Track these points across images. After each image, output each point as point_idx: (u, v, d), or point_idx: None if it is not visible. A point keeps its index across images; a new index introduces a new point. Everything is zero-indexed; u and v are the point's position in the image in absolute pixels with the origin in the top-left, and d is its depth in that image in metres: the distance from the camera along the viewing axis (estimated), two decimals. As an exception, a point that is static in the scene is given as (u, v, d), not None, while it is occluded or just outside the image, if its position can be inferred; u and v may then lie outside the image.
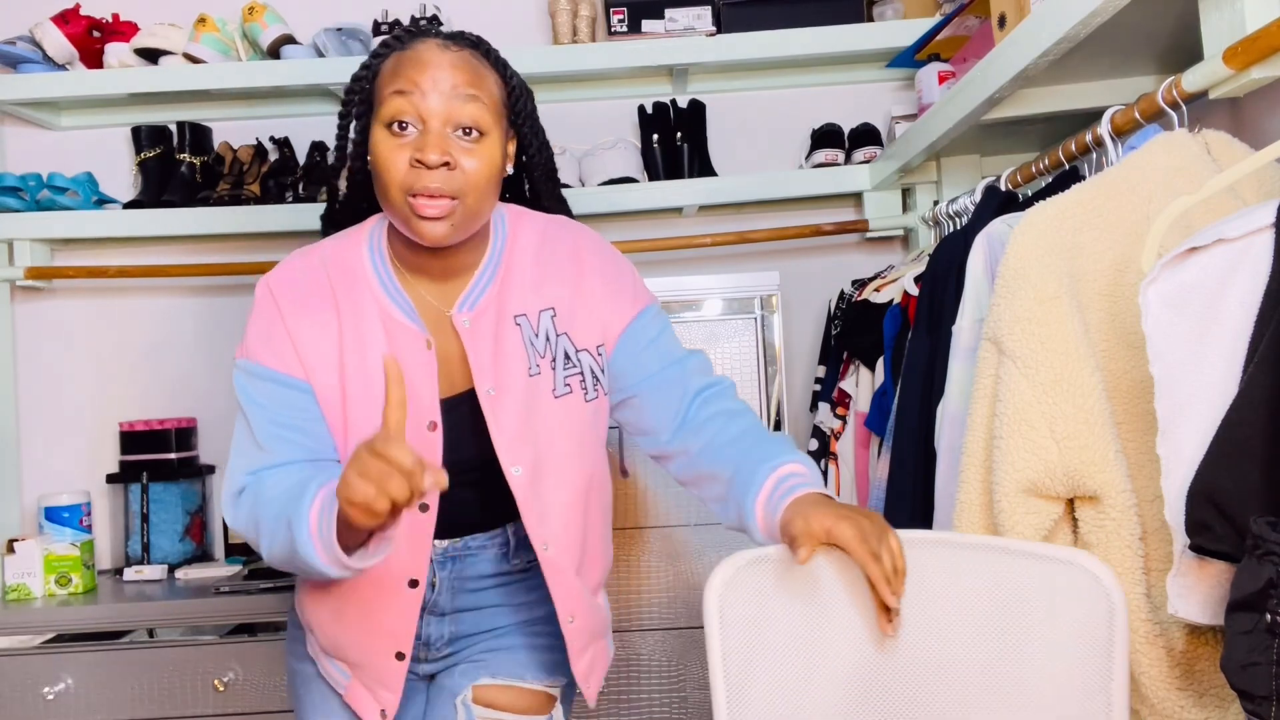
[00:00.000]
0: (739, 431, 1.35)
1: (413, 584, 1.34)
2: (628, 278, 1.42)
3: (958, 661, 1.12)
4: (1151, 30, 1.47)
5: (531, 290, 1.36)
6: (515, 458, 1.32)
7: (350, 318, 1.32)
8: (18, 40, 2.45)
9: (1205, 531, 0.91)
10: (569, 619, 1.38)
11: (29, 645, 2.12)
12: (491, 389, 1.32)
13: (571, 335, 1.36)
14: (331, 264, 1.35)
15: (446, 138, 1.23)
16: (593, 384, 1.38)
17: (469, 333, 1.33)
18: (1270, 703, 0.80)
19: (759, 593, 1.17)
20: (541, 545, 1.35)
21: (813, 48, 2.43)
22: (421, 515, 1.32)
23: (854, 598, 1.16)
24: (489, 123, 1.25)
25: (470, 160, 1.23)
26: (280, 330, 1.31)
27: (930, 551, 1.15)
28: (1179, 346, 0.96)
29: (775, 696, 1.15)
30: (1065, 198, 1.27)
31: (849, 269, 2.57)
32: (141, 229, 2.47)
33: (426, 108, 1.22)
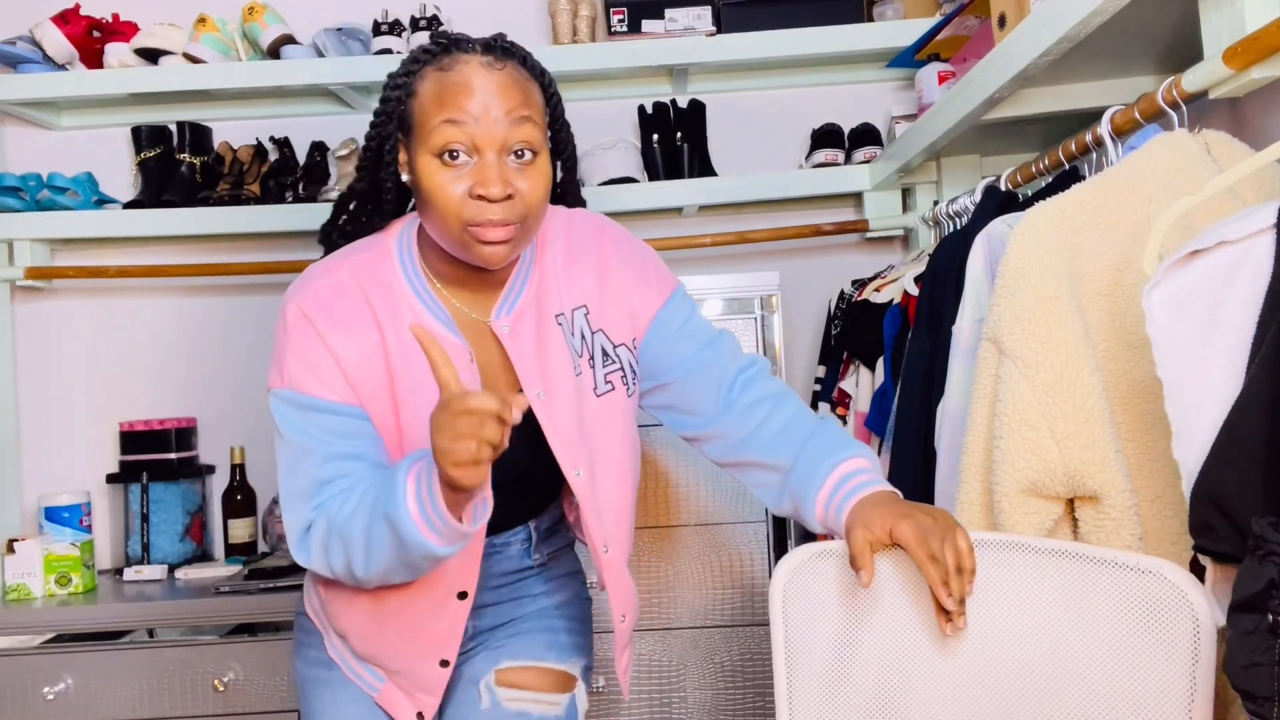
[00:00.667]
0: (788, 419, 1.34)
1: (462, 596, 1.33)
2: (651, 264, 1.40)
3: (1026, 670, 1.08)
4: (1151, 30, 1.47)
5: (565, 288, 1.34)
6: (575, 460, 1.32)
7: (393, 334, 1.26)
8: (18, 40, 2.45)
9: (1207, 532, 0.91)
10: (620, 617, 1.39)
11: (29, 645, 2.12)
12: (541, 392, 1.30)
13: (607, 331, 1.35)
14: (363, 278, 1.28)
15: (504, 167, 1.19)
16: (631, 379, 1.37)
17: (510, 338, 1.30)
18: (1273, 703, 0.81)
19: (823, 586, 1.15)
20: (602, 547, 1.36)
21: (813, 48, 2.43)
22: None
23: (919, 597, 1.13)
24: (539, 140, 1.22)
25: (527, 183, 1.20)
26: (322, 353, 1.23)
27: (1001, 554, 1.12)
28: (1183, 350, 0.96)
29: (835, 690, 1.13)
30: (1065, 198, 1.27)
31: (849, 269, 2.57)
32: (141, 229, 2.47)
33: (481, 136, 1.17)
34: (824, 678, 1.14)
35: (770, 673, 2.16)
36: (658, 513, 2.18)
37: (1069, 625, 1.08)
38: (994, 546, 1.12)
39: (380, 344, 1.26)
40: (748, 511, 2.18)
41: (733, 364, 1.38)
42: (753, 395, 1.36)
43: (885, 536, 1.12)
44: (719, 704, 2.16)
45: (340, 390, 1.24)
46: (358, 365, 1.24)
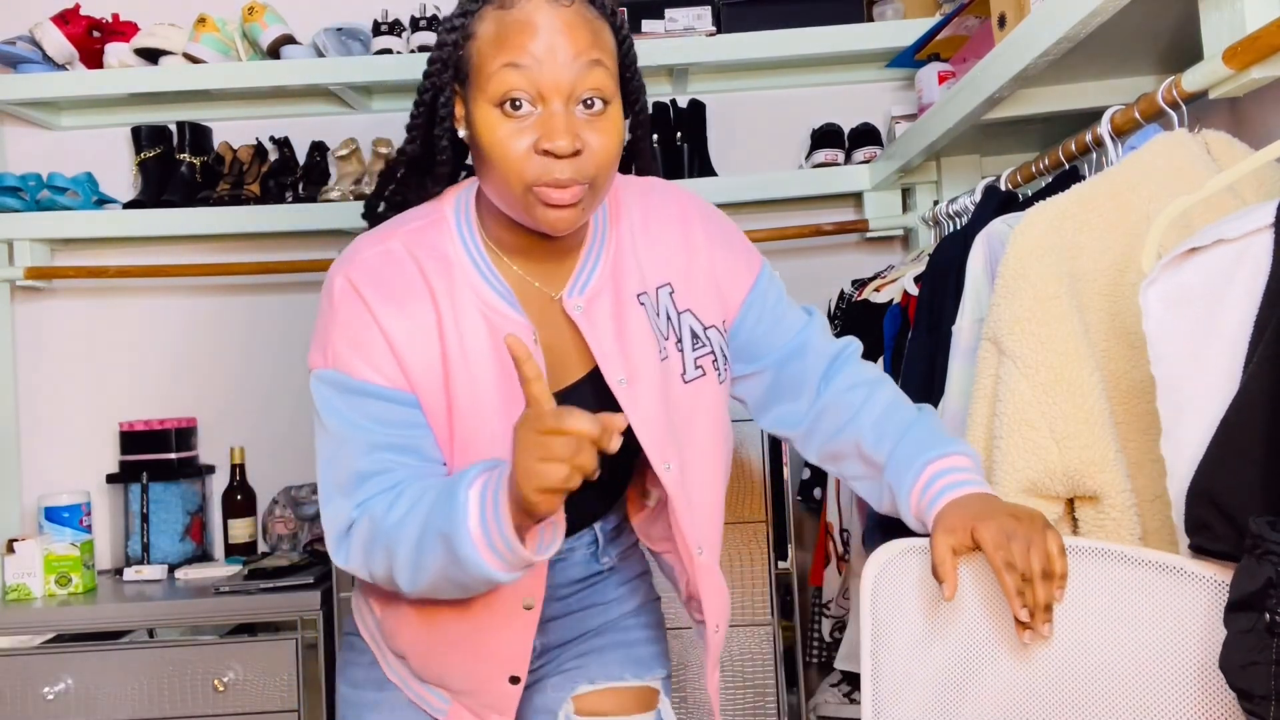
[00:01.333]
0: (884, 408, 1.23)
1: (528, 607, 1.20)
2: (738, 239, 1.29)
3: (1116, 686, 1.04)
4: (1151, 30, 1.47)
5: (646, 265, 1.21)
6: (665, 453, 1.18)
7: (449, 311, 1.13)
8: (18, 40, 2.45)
9: (1204, 531, 0.91)
10: (715, 628, 1.29)
11: (29, 645, 2.13)
12: (623, 378, 1.16)
13: (695, 311, 1.22)
14: (417, 249, 1.15)
15: (573, 118, 1.05)
16: (723, 364, 1.24)
17: (585, 319, 1.17)
18: (1269, 702, 0.80)
19: (911, 582, 1.13)
20: (696, 549, 1.24)
21: (813, 48, 2.43)
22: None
23: (1000, 598, 1.09)
24: (612, 88, 1.07)
25: (598, 137, 1.06)
26: (373, 332, 1.10)
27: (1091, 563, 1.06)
28: (1180, 347, 0.95)
29: (918, 686, 1.12)
30: (1065, 198, 1.27)
31: (849, 269, 2.57)
32: (141, 229, 2.47)
33: (546, 82, 1.03)
34: (906, 673, 1.13)
35: (770, 673, 2.16)
36: (657, 513, 2.18)
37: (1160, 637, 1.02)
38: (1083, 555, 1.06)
39: (436, 322, 1.13)
40: (748, 512, 2.18)
41: (828, 347, 1.28)
42: (847, 380, 1.26)
43: (967, 540, 1.04)
44: (719, 704, 2.16)
45: (390, 373, 1.11)
46: (409, 345, 1.11)
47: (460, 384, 1.13)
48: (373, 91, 2.62)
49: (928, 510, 1.13)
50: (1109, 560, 1.05)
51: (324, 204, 2.45)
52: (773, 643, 2.16)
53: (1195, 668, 0.99)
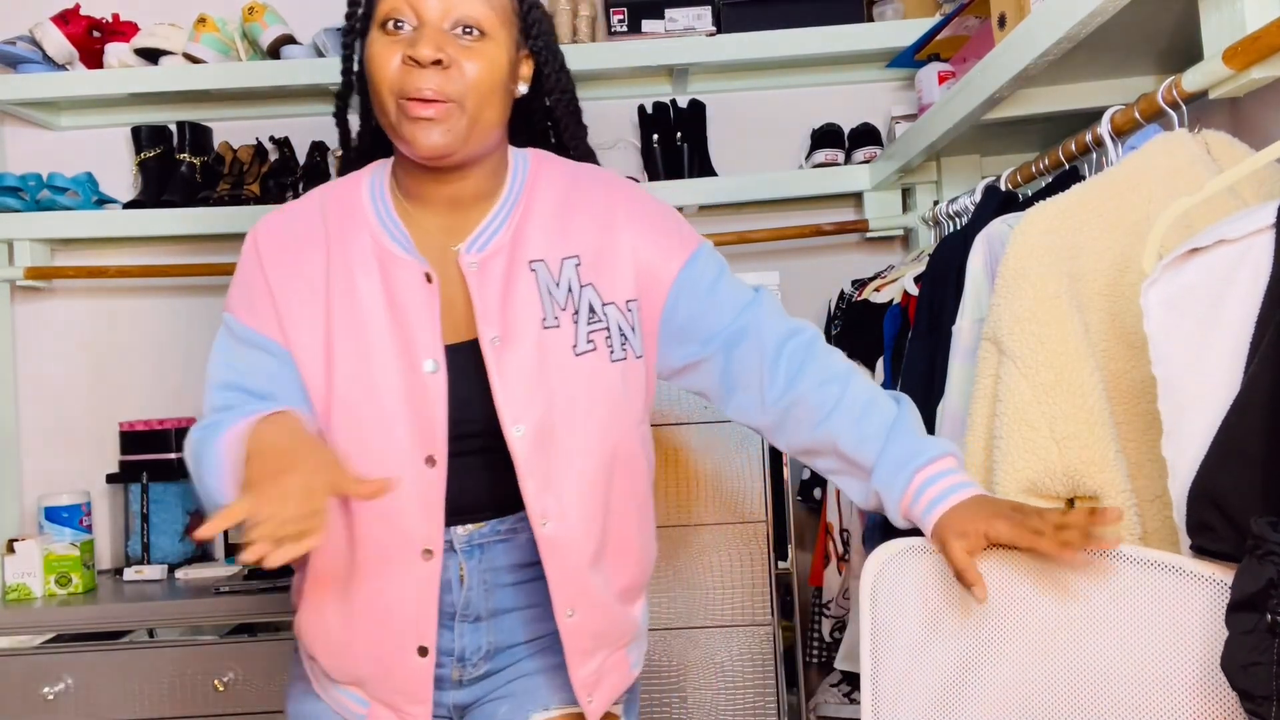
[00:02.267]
0: (862, 405, 1.22)
1: (427, 553, 1.17)
2: (672, 220, 1.28)
3: (1116, 686, 1.04)
4: (1151, 30, 1.47)
5: (554, 235, 1.22)
6: (518, 415, 1.17)
7: (340, 258, 1.19)
8: (18, 40, 2.45)
9: (1206, 532, 0.91)
10: (567, 612, 1.20)
11: (29, 645, 2.12)
12: (497, 337, 1.17)
13: (598, 286, 1.21)
14: (329, 202, 1.24)
15: (443, 34, 1.11)
16: (620, 343, 1.21)
17: (476, 275, 1.19)
18: (1271, 703, 0.81)
19: (909, 582, 1.14)
20: (540, 519, 1.17)
21: (813, 48, 2.43)
22: (429, 470, 1.16)
23: (1005, 599, 1.10)
24: (493, 22, 1.14)
25: (470, 61, 1.12)
26: (260, 285, 1.20)
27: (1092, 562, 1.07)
28: (1181, 348, 0.95)
29: (918, 686, 1.12)
30: (1065, 198, 1.27)
31: (849, 269, 2.57)
32: (141, 229, 2.47)
33: (421, 3, 1.11)
34: (906, 673, 1.13)
35: (770, 673, 2.16)
36: (657, 513, 2.18)
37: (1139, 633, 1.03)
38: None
39: (324, 269, 1.20)
40: (748, 511, 2.18)
41: (778, 326, 1.26)
42: (817, 374, 1.24)
43: (981, 542, 1.08)
44: (719, 704, 2.16)
45: (268, 325, 1.19)
46: (293, 298, 1.19)
47: (341, 326, 1.18)
48: (373, 91, 2.62)
49: (924, 517, 1.14)
50: (1116, 561, 1.06)
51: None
52: (773, 643, 2.16)
53: (1196, 668, 0.99)
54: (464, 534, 1.22)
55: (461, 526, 1.22)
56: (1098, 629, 1.06)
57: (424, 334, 1.17)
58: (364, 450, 1.16)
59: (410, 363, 1.17)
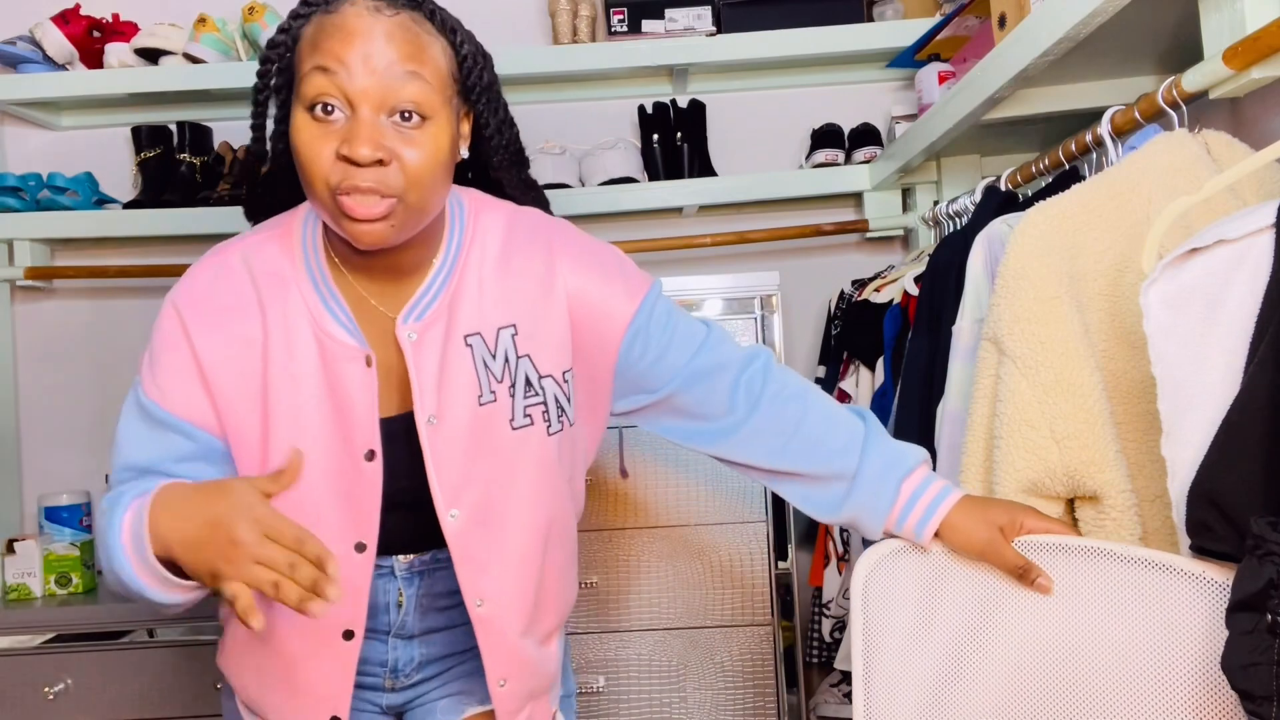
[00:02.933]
0: (824, 424, 1.22)
1: (348, 635, 1.15)
2: (613, 265, 1.22)
3: (1114, 686, 1.04)
4: (1151, 30, 1.47)
5: (491, 303, 1.16)
6: (454, 499, 1.14)
7: (279, 330, 1.12)
8: (18, 40, 2.45)
9: (1205, 532, 0.91)
10: (499, 682, 1.19)
11: (29, 645, 2.13)
12: (433, 417, 1.13)
13: (534, 358, 1.17)
14: (255, 263, 1.14)
15: (379, 127, 1.01)
16: (556, 415, 1.18)
17: (414, 348, 1.13)
18: (1271, 703, 0.81)
19: (900, 582, 1.15)
20: (475, 601, 1.17)
21: (813, 48, 2.43)
22: (357, 556, 1.14)
23: (996, 598, 1.11)
24: (434, 104, 1.04)
25: (411, 151, 1.02)
26: (187, 363, 1.11)
27: (1091, 563, 1.08)
28: (1181, 348, 0.95)
29: (910, 685, 1.12)
30: (1065, 198, 1.27)
31: (849, 269, 2.57)
32: (141, 229, 2.47)
33: (354, 89, 1.00)
34: (897, 672, 1.13)
35: (770, 673, 2.16)
36: (657, 513, 2.18)
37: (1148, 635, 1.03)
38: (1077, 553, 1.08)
39: (262, 341, 1.12)
40: (748, 511, 2.18)
41: (733, 357, 1.24)
42: (774, 396, 1.23)
43: (1002, 540, 1.11)
44: (719, 704, 2.16)
45: (197, 411, 1.11)
46: (225, 367, 1.11)
47: (281, 406, 1.11)
48: (373, 91, 2.62)
49: (920, 529, 1.16)
50: (1108, 560, 1.06)
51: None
52: (773, 643, 2.16)
53: (1194, 668, 0.99)
54: (404, 561, 1.23)
55: (403, 557, 1.23)
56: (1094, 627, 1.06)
57: (363, 421, 1.12)
58: None
59: (347, 451, 1.13)
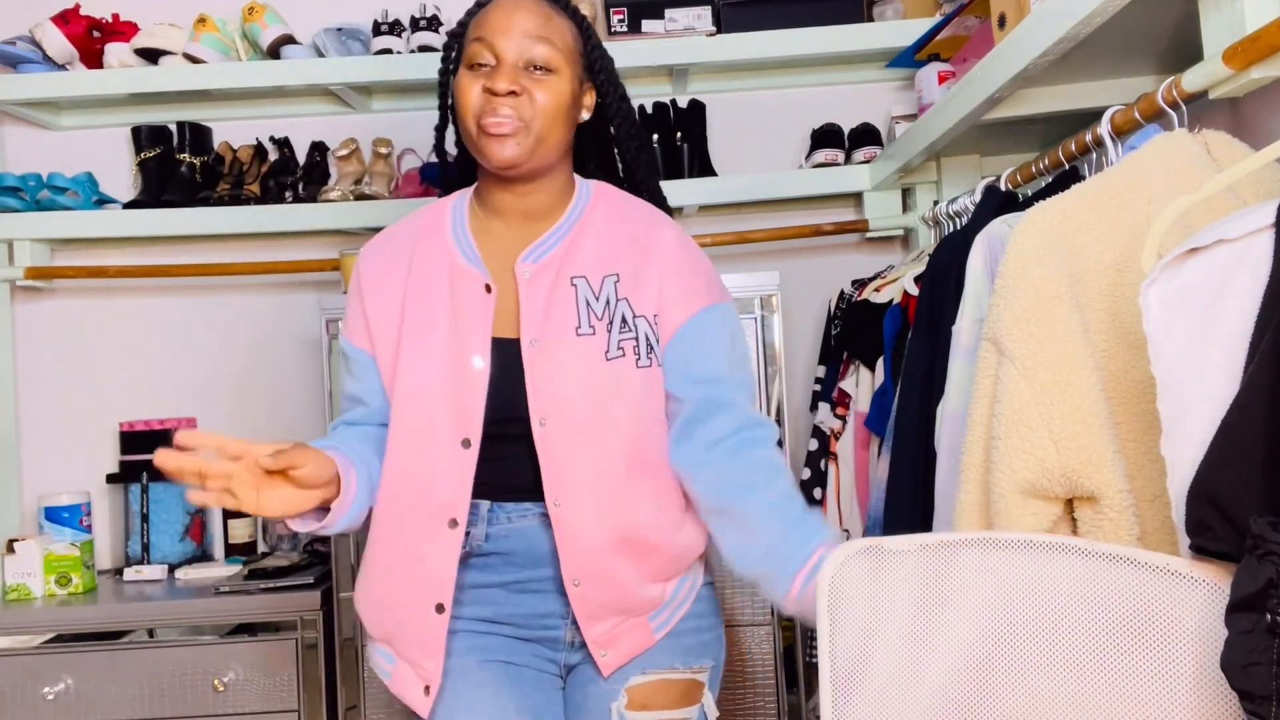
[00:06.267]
0: (783, 496, 1.36)
1: (453, 523, 1.33)
2: (703, 271, 1.43)
3: (1111, 687, 1.04)
4: (1151, 30, 1.47)
5: (601, 256, 1.39)
6: (543, 411, 1.33)
7: (419, 269, 1.40)
8: (18, 40, 2.45)
9: (1205, 531, 0.91)
10: (574, 581, 1.34)
11: (29, 645, 2.13)
12: (535, 340, 1.34)
13: (631, 301, 1.37)
14: (420, 220, 1.45)
15: (517, 70, 1.33)
16: (646, 351, 1.37)
17: (527, 284, 1.36)
18: (1270, 703, 0.80)
19: (868, 581, 1.14)
20: (553, 501, 1.33)
21: (813, 48, 2.43)
22: (463, 451, 1.33)
23: (963, 595, 1.11)
24: (559, 62, 1.35)
25: (540, 91, 1.33)
26: (357, 301, 1.42)
27: (1087, 564, 1.07)
28: (1180, 347, 0.95)
29: (881, 681, 1.12)
30: (1065, 198, 1.26)
31: (849, 269, 2.57)
32: (141, 229, 2.47)
33: (500, 47, 1.33)
34: (861, 669, 1.13)
35: (770, 673, 2.16)
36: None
37: (1117, 631, 1.03)
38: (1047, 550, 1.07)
39: (404, 284, 1.40)
40: (748, 511, 2.18)
41: (745, 412, 1.39)
42: (756, 460, 1.37)
43: None
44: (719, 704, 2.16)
45: (361, 338, 1.41)
46: (379, 309, 1.40)
47: (411, 328, 1.37)
48: (373, 91, 2.62)
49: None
50: (1105, 561, 1.06)
51: (324, 204, 2.45)
52: (773, 643, 2.16)
53: (1191, 671, 0.99)
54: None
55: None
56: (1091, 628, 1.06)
57: (476, 335, 1.35)
58: (411, 428, 1.36)
59: (460, 357, 1.35)
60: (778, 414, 2.25)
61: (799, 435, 2.51)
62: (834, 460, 2.16)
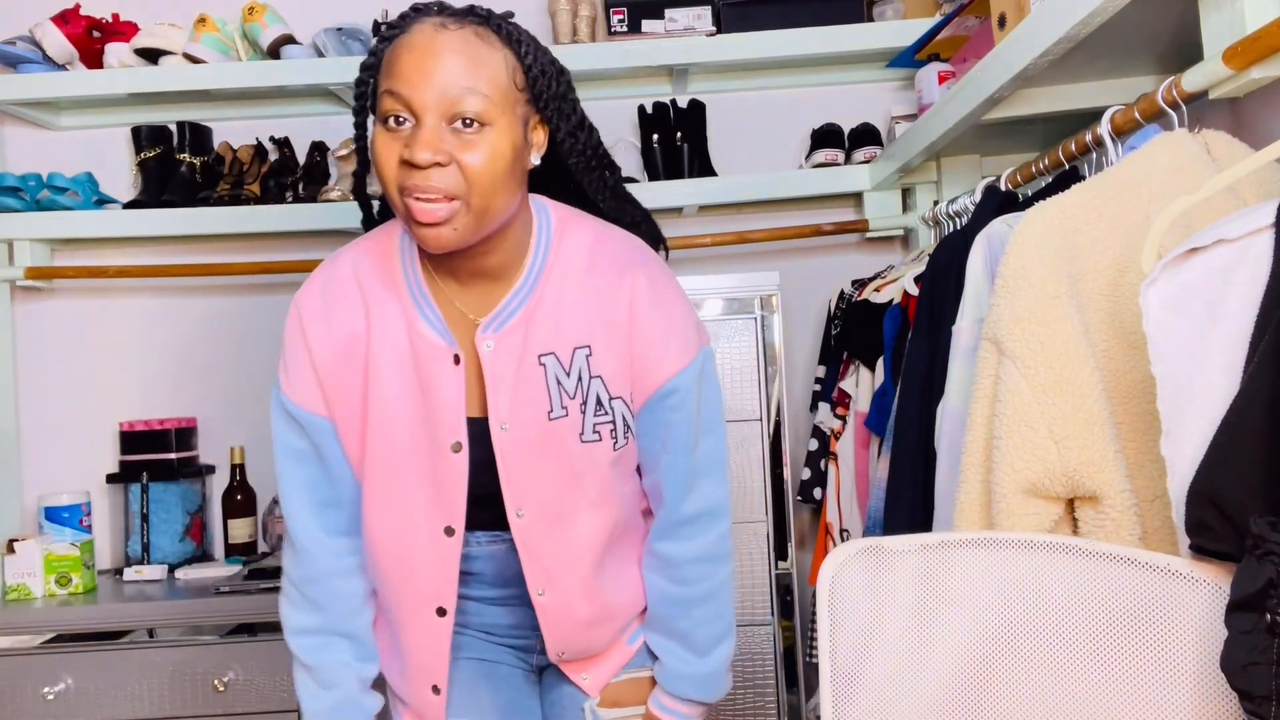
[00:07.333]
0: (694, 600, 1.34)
1: (440, 613, 1.28)
2: (678, 325, 1.28)
3: (1110, 687, 1.04)
4: (1151, 30, 1.47)
5: (568, 323, 1.24)
6: (521, 500, 1.25)
7: (379, 332, 1.23)
8: (18, 40, 2.45)
9: (1205, 531, 0.91)
10: (559, 654, 1.35)
11: (29, 645, 2.13)
12: (506, 425, 1.23)
13: (606, 380, 1.25)
14: (362, 269, 1.26)
15: (439, 133, 1.10)
16: (623, 432, 1.28)
17: (490, 358, 1.23)
18: (1270, 703, 0.81)
19: (867, 581, 1.14)
20: (536, 590, 1.29)
21: (813, 48, 2.43)
22: (446, 539, 1.26)
23: (964, 595, 1.11)
24: (493, 112, 1.12)
25: (470, 154, 1.10)
26: (304, 360, 1.24)
27: (1088, 564, 1.07)
28: (1180, 347, 0.95)
29: (881, 681, 1.12)
30: (1065, 198, 1.27)
31: (849, 269, 2.57)
32: (141, 229, 2.47)
33: (417, 101, 1.10)
34: (861, 669, 1.13)
35: (770, 673, 2.16)
36: (658, 513, 2.18)
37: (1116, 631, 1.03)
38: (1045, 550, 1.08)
39: (364, 334, 1.23)
40: (748, 511, 2.18)
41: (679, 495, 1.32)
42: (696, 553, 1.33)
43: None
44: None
45: (314, 401, 1.25)
46: (334, 371, 1.24)
47: (376, 401, 1.23)
48: (373, 91, 2.62)
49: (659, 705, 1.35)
50: (1105, 561, 1.06)
51: (324, 204, 2.45)
52: (773, 643, 2.16)
53: (1191, 671, 0.99)
54: None
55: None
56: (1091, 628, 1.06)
57: (450, 415, 1.22)
58: (389, 517, 1.26)
59: (436, 441, 1.23)
60: (777, 414, 2.25)
61: (799, 435, 2.51)
62: (834, 460, 2.17)
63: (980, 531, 1.22)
